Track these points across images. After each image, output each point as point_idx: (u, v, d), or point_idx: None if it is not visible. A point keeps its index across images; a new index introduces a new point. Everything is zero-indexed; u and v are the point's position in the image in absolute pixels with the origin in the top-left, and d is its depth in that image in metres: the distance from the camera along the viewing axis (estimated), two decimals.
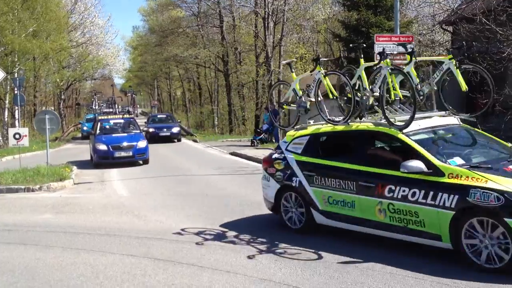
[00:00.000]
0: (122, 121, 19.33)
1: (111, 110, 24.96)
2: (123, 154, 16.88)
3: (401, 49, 13.13)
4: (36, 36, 28.67)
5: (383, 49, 7.55)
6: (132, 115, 21.26)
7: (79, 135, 39.44)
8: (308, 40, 43.75)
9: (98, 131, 18.16)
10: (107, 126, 18.83)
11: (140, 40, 63.61)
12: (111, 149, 16.82)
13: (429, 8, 23.88)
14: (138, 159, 17.32)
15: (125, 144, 17.04)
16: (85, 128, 35.23)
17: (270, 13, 32.49)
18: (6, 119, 29.69)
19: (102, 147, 16.91)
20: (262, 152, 18.96)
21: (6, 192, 12.17)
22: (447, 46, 27.74)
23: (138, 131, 18.71)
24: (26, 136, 15.14)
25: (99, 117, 19.97)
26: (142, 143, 17.39)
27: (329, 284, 5.30)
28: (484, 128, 16.45)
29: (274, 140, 24.32)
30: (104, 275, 5.90)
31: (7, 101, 29.36)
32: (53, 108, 42.36)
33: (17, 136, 14.98)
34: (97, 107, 27.40)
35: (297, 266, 5.86)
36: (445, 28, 24.30)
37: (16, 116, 29.86)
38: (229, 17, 37.91)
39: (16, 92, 20.11)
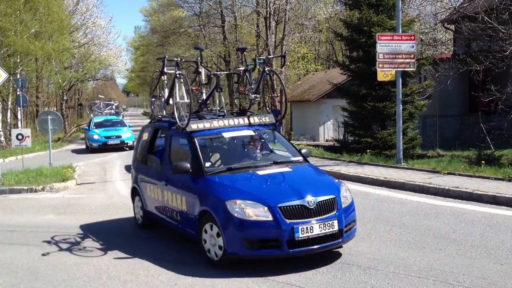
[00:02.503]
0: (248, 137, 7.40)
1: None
2: None
3: (403, 48, 13.15)
4: (38, 37, 28.63)
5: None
6: (269, 120, 7.55)
7: (81, 142, 30.11)
8: (310, 39, 43.78)
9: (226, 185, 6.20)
10: (222, 146, 7.28)
11: (142, 40, 63.74)
12: None
13: (431, 7, 23.92)
14: None
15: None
16: (95, 137, 24.08)
17: (272, 13, 32.47)
18: (8, 120, 29.75)
19: None
20: None
21: (9, 193, 12.19)
22: (449, 45, 27.80)
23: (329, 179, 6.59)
24: (28, 137, 15.16)
25: (200, 124, 6.95)
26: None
27: (333, 284, 5.30)
28: (487, 127, 16.52)
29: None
30: (107, 275, 5.91)
31: (9, 102, 29.41)
32: (55, 109, 42.37)
33: (19, 136, 15.00)
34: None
35: (300, 266, 5.86)
36: (447, 26, 24.32)
37: (19, 117, 29.79)
38: (230, 17, 37.87)
39: (18, 93, 20.18)
